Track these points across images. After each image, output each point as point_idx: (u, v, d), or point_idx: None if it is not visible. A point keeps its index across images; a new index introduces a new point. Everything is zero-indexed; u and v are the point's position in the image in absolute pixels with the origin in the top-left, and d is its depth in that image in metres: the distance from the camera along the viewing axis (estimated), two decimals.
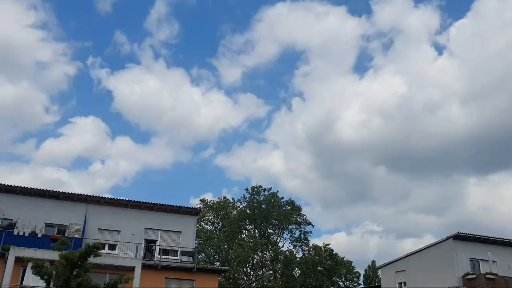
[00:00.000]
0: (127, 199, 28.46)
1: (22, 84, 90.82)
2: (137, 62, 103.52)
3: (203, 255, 48.05)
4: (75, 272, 16.86)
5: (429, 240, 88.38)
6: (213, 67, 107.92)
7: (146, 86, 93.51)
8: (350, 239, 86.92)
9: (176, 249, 27.84)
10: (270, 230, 53.59)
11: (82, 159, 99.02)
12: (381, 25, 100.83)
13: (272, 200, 52.79)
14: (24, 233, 24.00)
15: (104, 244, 24.97)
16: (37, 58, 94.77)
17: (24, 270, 21.95)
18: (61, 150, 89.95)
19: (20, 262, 21.33)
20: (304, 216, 53.47)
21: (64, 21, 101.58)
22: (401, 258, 34.80)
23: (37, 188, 26.39)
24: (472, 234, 31.05)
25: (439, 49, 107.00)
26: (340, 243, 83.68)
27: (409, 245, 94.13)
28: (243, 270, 49.47)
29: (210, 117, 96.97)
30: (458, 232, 30.58)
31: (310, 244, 52.26)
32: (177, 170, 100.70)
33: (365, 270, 61.73)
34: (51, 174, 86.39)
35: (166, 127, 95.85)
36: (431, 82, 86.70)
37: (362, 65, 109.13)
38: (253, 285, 44.39)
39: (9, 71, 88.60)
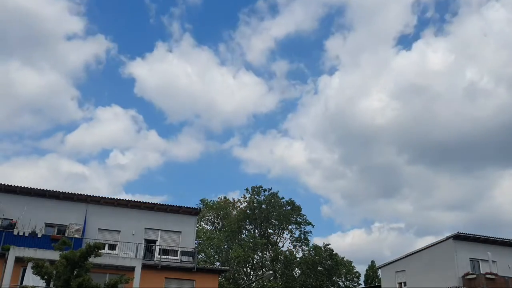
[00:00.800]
0: (127, 199, 28.49)
1: (46, 69, 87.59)
2: (164, 39, 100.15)
3: (203, 255, 47.99)
4: (75, 272, 16.85)
5: None
6: (238, 39, 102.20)
7: (172, 71, 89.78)
8: (367, 236, 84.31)
9: (176, 249, 27.83)
10: (270, 230, 53.57)
11: (105, 152, 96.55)
12: None
13: (272, 200, 52.77)
14: (24, 233, 23.98)
15: (104, 244, 24.94)
16: (64, 37, 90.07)
17: (24, 270, 21.93)
18: (85, 143, 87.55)
19: (20, 262, 21.31)
20: (304, 216, 53.52)
21: None
22: (401, 258, 34.80)
23: (37, 188, 26.36)
24: (472, 234, 31.07)
25: (495, 21, 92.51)
26: (357, 240, 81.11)
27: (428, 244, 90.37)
28: (243, 270, 49.45)
29: (236, 103, 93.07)
30: (458, 232, 30.60)
31: (324, 241, 52.15)
32: (202, 163, 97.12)
33: (366, 270, 61.69)
34: (72, 168, 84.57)
35: (192, 115, 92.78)
36: (477, 60, 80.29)
37: (406, 36, 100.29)
38: (253, 285, 44.37)
39: (32, 55, 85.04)
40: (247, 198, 53.48)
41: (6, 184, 25.67)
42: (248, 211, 52.71)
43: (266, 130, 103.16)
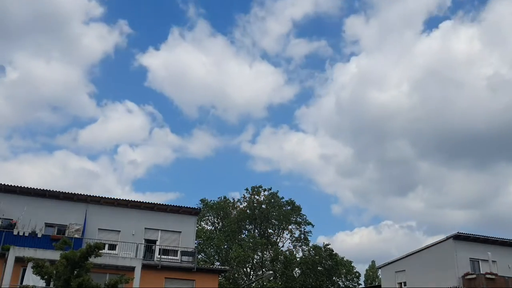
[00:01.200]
0: (127, 199, 28.47)
1: (59, 59, 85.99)
2: (179, 25, 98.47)
3: (203, 255, 48.01)
4: (75, 272, 16.85)
5: None
6: (252, 22, 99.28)
7: (186, 62, 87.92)
8: (377, 234, 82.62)
9: (176, 249, 27.83)
10: (270, 230, 53.57)
11: (116, 149, 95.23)
12: None
13: (272, 200, 52.78)
14: (24, 233, 23.98)
15: (104, 244, 24.90)
16: (79, 23, 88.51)
17: (24, 270, 21.93)
18: (96, 139, 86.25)
19: (20, 262, 21.31)
20: (304, 216, 53.54)
21: None
22: (401, 258, 34.80)
23: (37, 188, 26.38)
24: (472, 234, 31.08)
25: None
26: (365, 238, 79.71)
27: None
28: (243, 270, 49.43)
29: (251, 95, 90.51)
30: (458, 232, 30.60)
31: (332, 239, 52.01)
32: (215, 160, 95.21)
33: (366, 270, 61.72)
34: (82, 165, 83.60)
35: (207, 107, 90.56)
36: (506, 48, 75.93)
37: (438, 19, 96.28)
38: (253, 285, 44.37)
39: (45, 44, 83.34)
40: (247, 198, 53.52)
41: (6, 184, 25.69)
42: (248, 211, 52.72)
43: (278, 124, 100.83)
